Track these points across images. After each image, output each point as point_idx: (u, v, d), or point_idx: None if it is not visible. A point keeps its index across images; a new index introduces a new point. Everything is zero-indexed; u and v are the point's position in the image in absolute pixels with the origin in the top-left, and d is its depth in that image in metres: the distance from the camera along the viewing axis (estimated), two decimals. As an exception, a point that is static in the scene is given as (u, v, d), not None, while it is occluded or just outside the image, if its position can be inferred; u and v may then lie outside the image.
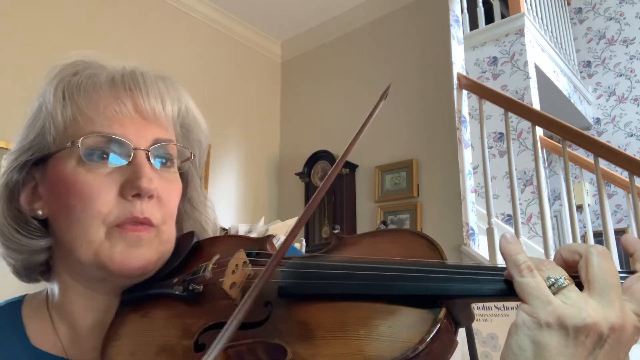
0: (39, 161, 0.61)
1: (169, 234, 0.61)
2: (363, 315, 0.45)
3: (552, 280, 0.41)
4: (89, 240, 0.56)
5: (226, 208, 3.66)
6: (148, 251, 0.58)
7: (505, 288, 0.43)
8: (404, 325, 0.43)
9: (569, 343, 0.39)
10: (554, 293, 0.40)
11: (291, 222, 1.71)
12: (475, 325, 1.07)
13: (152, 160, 0.59)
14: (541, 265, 0.43)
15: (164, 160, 0.62)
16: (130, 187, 0.56)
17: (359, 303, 0.46)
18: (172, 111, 0.63)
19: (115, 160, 0.58)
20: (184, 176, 0.69)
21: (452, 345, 0.44)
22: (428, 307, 0.43)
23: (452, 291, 0.43)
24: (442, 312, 0.42)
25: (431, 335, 0.41)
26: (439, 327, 0.41)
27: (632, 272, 0.43)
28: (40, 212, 0.61)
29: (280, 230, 1.60)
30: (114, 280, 0.59)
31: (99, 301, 0.61)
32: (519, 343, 0.40)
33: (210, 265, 0.57)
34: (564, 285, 0.41)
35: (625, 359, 0.41)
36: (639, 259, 0.42)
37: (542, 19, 4.56)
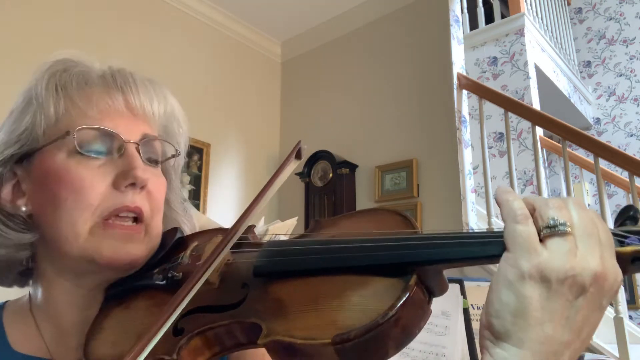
0: (22, 157, 0.61)
1: (157, 228, 0.62)
2: (335, 287, 0.45)
3: (553, 222, 0.40)
4: (77, 232, 0.56)
5: (226, 208, 3.66)
6: (139, 246, 0.59)
7: (472, 251, 0.42)
8: (374, 294, 0.43)
9: (551, 296, 0.38)
10: (547, 236, 0.39)
11: (291, 222, 1.71)
12: (475, 325, 1.07)
13: (142, 154, 0.60)
14: (548, 202, 0.41)
15: (150, 157, 0.63)
16: (125, 177, 0.57)
17: (332, 277, 0.46)
18: (158, 111, 0.65)
19: (105, 152, 0.59)
20: (164, 176, 0.69)
21: (425, 313, 0.44)
22: (399, 276, 0.43)
23: (420, 257, 0.43)
24: (413, 279, 0.42)
25: (401, 302, 0.41)
26: (409, 294, 0.41)
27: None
28: (24, 209, 0.61)
29: (281, 230, 1.60)
30: (102, 273, 0.59)
31: (84, 297, 0.61)
32: (501, 297, 0.39)
33: (188, 252, 0.58)
34: (563, 232, 0.39)
35: (607, 306, 0.40)
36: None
37: (542, 19, 4.56)
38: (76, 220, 0.56)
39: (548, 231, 0.39)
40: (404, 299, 0.41)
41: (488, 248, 0.42)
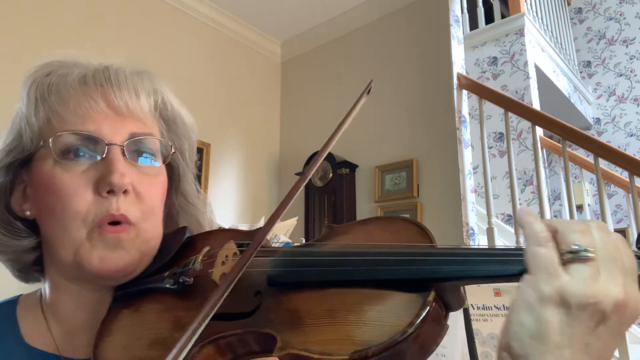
0: (24, 163, 0.61)
1: (152, 231, 0.60)
2: (352, 301, 0.44)
3: (576, 247, 0.39)
4: (70, 240, 0.55)
5: (226, 208, 3.66)
6: (128, 253, 0.57)
7: (493, 270, 0.42)
8: (392, 310, 0.42)
9: (571, 321, 0.38)
10: (569, 261, 0.39)
11: (291, 222, 1.71)
12: (475, 325, 1.07)
13: (128, 155, 0.58)
14: (572, 226, 0.40)
15: (143, 155, 0.61)
16: (103, 183, 0.55)
17: (348, 289, 0.45)
18: (147, 104, 0.62)
19: (89, 157, 0.57)
20: (174, 171, 0.68)
21: (442, 328, 0.44)
22: (417, 291, 0.42)
23: (439, 273, 0.43)
24: (431, 295, 0.42)
25: (420, 319, 0.40)
26: (428, 310, 0.41)
27: None
28: (28, 213, 0.61)
29: (281, 230, 1.60)
30: (98, 281, 0.59)
31: (90, 298, 0.61)
32: (521, 319, 0.39)
33: (200, 257, 0.57)
34: (585, 257, 0.38)
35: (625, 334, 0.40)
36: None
37: (542, 19, 4.56)
38: (68, 228, 0.55)
39: (570, 256, 0.39)
40: (423, 316, 0.41)
41: (508, 267, 0.41)
